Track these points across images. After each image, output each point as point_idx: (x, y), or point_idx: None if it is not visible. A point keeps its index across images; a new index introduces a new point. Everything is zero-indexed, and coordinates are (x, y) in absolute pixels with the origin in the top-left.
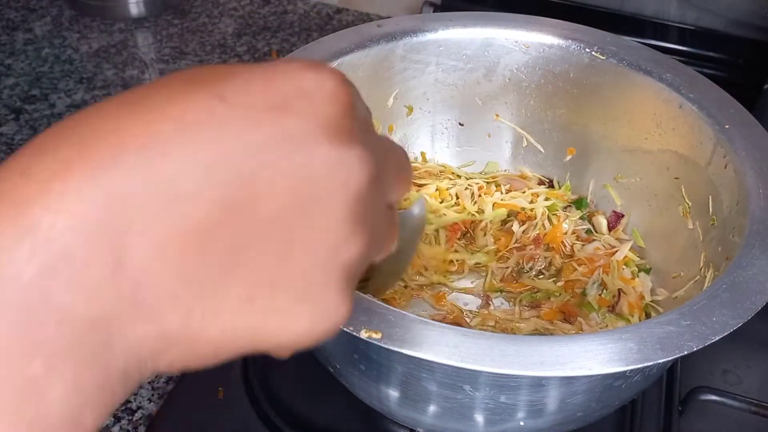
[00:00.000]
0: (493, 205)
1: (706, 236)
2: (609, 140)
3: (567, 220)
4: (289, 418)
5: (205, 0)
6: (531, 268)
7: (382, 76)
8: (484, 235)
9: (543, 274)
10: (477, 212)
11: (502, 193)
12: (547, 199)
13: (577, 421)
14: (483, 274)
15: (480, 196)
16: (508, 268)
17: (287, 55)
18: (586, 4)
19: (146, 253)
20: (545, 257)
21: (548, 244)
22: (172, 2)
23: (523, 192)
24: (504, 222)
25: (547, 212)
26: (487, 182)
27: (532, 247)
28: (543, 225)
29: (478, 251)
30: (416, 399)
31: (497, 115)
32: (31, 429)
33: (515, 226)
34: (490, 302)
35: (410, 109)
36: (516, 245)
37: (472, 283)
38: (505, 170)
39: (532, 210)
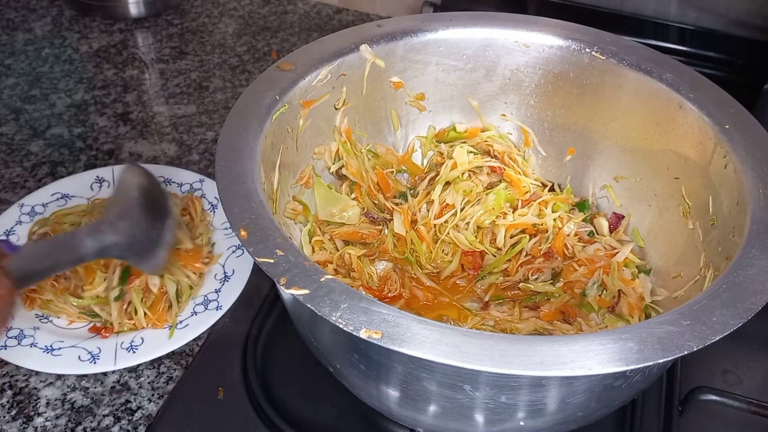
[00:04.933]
0: (505, 230)
1: (706, 236)
2: (609, 140)
3: (570, 222)
4: (289, 418)
5: (205, 0)
6: (536, 279)
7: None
8: (493, 269)
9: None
10: (490, 244)
11: (516, 207)
12: (554, 209)
13: (577, 421)
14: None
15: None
16: (511, 279)
17: (287, 54)
18: (586, 4)
19: None
20: (551, 269)
21: (555, 255)
22: (172, 2)
23: (530, 206)
24: (513, 245)
25: (555, 223)
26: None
27: (541, 260)
28: (553, 237)
29: (485, 275)
30: (416, 399)
31: (504, 115)
32: None
33: (525, 242)
34: (490, 303)
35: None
36: (524, 259)
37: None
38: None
39: (542, 224)
